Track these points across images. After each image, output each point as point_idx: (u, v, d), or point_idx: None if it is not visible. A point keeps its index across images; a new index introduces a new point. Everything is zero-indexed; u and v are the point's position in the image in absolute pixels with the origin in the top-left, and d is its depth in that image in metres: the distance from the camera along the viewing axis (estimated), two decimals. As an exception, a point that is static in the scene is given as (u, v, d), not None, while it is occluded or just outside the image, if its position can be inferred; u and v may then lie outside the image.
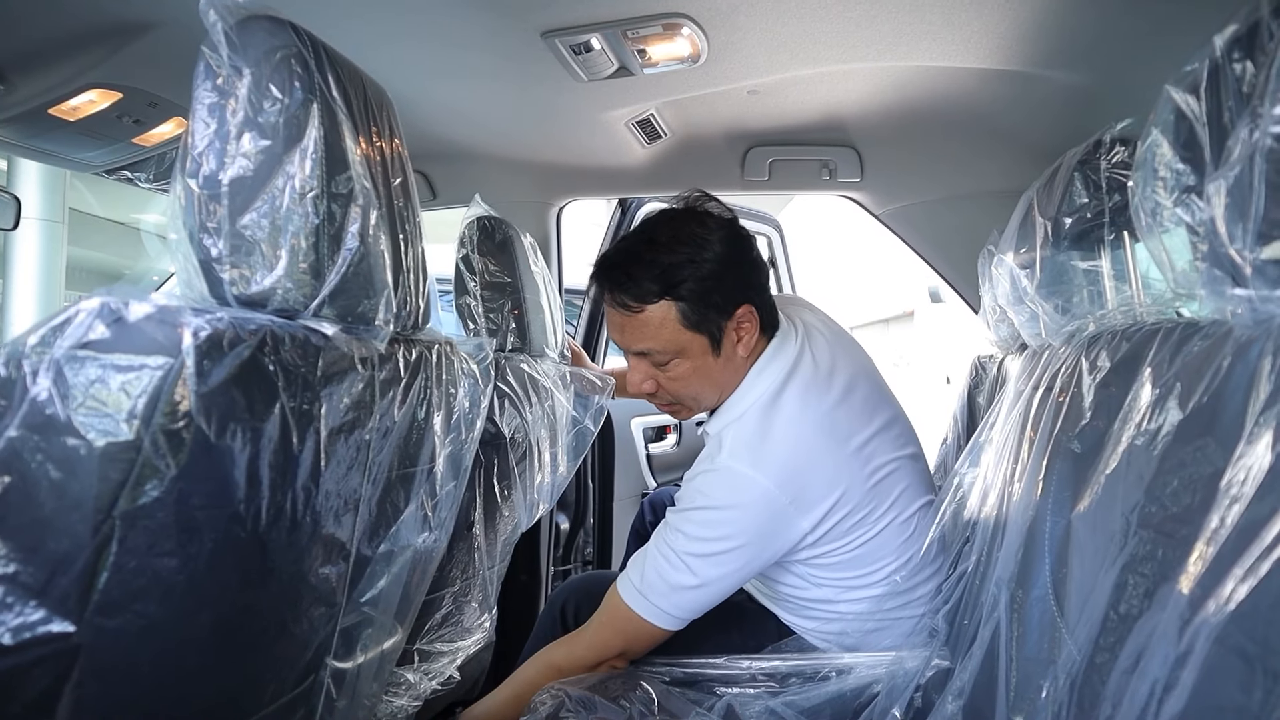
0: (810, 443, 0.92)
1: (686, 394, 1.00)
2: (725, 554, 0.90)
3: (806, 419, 0.93)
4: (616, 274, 0.94)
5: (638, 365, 0.99)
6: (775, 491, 0.89)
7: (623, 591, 0.94)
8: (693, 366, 0.96)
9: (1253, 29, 0.48)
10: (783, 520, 0.90)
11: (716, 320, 0.94)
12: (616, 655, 0.95)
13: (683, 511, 0.93)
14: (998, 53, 1.08)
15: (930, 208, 1.65)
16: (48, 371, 0.43)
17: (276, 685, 0.61)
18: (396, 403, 0.69)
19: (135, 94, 1.15)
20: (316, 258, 0.58)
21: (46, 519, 0.43)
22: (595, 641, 0.95)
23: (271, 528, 0.53)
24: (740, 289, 0.95)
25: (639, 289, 0.92)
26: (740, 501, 0.90)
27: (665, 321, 0.93)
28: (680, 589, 0.90)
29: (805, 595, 0.99)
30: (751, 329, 0.96)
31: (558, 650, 0.97)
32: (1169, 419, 0.53)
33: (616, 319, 0.96)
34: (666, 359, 0.96)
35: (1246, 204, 0.44)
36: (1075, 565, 0.63)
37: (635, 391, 1.02)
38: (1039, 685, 0.62)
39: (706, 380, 0.98)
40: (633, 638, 0.94)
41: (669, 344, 0.94)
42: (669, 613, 0.91)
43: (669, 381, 0.98)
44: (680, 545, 0.91)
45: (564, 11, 0.99)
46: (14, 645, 0.42)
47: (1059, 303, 0.91)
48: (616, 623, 0.94)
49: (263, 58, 0.57)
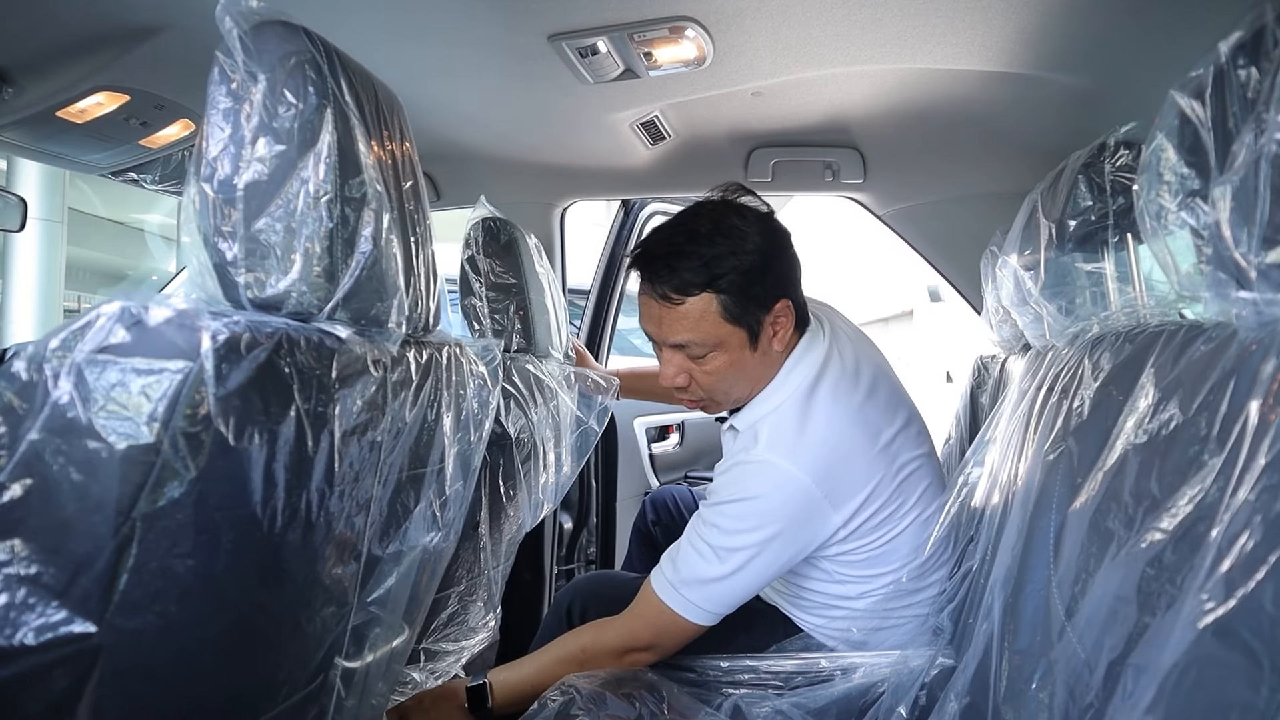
0: (844, 437, 0.93)
1: (720, 388, 0.99)
2: (759, 546, 0.90)
3: (840, 414, 0.94)
4: (658, 265, 0.93)
5: (672, 359, 0.98)
6: (811, 485, 0.89)
7: (655, 585, 0.95)
8: (729, 360, 0.95)
9: (1257, 35, 0.48)
10: (817, 514, 0.91)
11: (756, 314, 0.94)
12: (645, 648, 0.95)
13: (716, 505, 0.93)
14: (1001, 55, 1.09)
15: (933, 209, 1.66)
16: (69, 375, 0.44)
17: (289, 684, 0.62)
18: (408, 404, 0.69)
19: (142, 96, 1.15)
20: (330, 261, 0.59)
21: (68, 521, 0.44)
22: (624, 631, 0.95)
23: (287, 528, 0.54)
24: (779, 283, 0.95)
25: (681, 280, 0.92)
26: (776, 494, 0.90)
27: (706, 314, 0.92)
28: (712, 582, 0.91)
29: (822, 591, 1.00)
30: (787, 324, 0.97)
31: (587, 633, 0.98)
32: (1173, 421, 0.53)
33: (655, 311, 0.95)
34: (704, 351, 0.95)
35: (1251, 209, 0.45)
36: (1079, 565, 0.64)
37: (667, 385, 1.01)
38: (1043, 684, 0.63)
39: (741, 374, 0.97)
40: (663, 631, 0.94)
41: (708, 336, 0.94)
42: (701, 606, 0.92)
43: (703, 375, 0.98)
44: (714, 538, 0.91)
45: (571, 15, 1.00)
46: (36, 645, 0.42)
47: (1062, 304, 0.92)
48: (648, 615, 0.95)
49: (277, 63, 0.57)
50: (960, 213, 1.63)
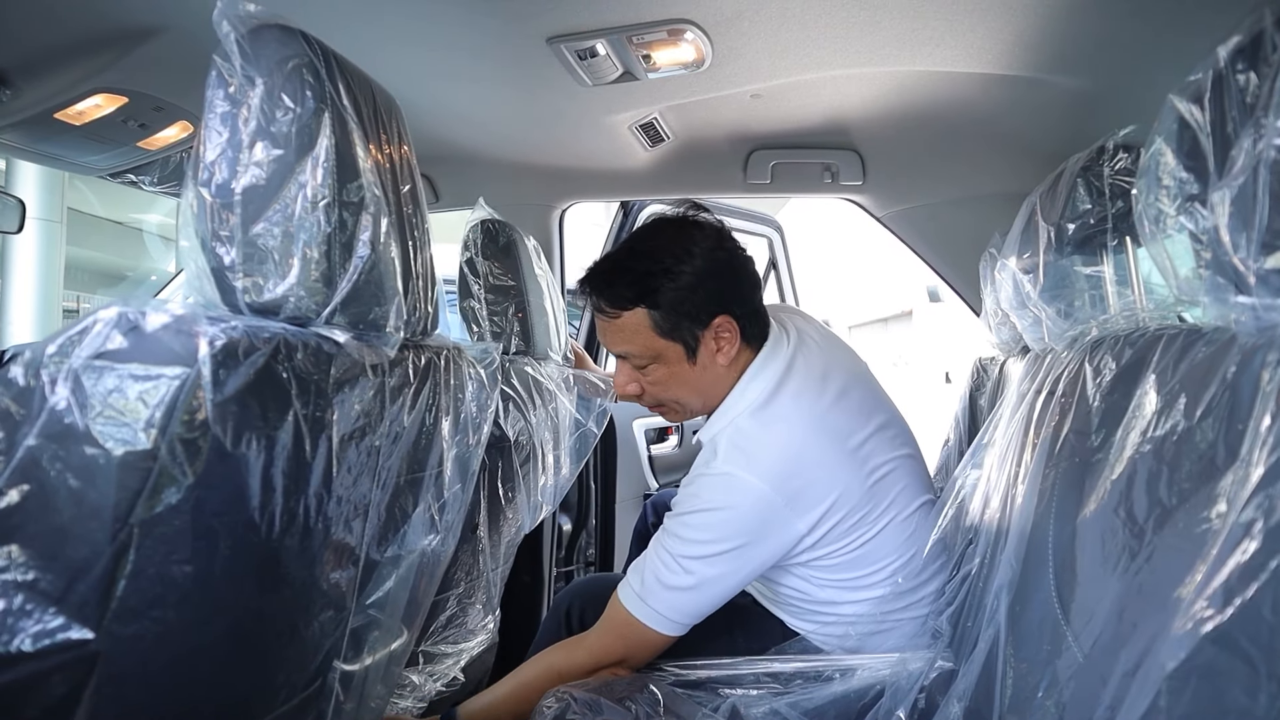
0: (805, 443, 0.93)
1: (668, 397, 1.02)
2: (721, 556, 0.90)
3: (800, 421, 0.95)
4: (597, 280, 0.98)
5: (622, 368, 1.03)
6: (770, 493, 0.90)
7: (623, 597, 0.95)
8: (669, 372, 0.99)
9: (1256, 39, 0.48)
10: (779, 522, 0.91)
11: (690, 329, 0.96)
12: (616, 662, 0.95)
13: (679, 516, 0.94)
14: (1000, 58, 1.09)
15: (932, 210, 1.66)
16: (66, 381, 0.44)
17: (287, 688, 0.62)
18: (406, 408, 0.69)
19: (140, 98, 1.15)
20: (328, 266, 0.59)
21: (65, 527, 0.43)
22: (596, 647, 0.95)
23: (285, 533, 0.54)
24: (718, 300, 0.96)
25: (615, 295, 0.96)
26: (735, 504, 0.90)
27: (640, 328, 0.96)
28: (678, 591, 0.91)
29: (808, 597, 1.00)
30: (731, 339, 0.98)
31: (558, 654, 0.97)
32: (1173, 425, 0.53)
33: (600, 323, 1.00)
34: (644, 363, 0.99)
35: (1250, 214, 0.45)
36: (1078, 568, 0.64)
37: (621, 394, 1.05)
38: (1042, 688, 0.63)
39: (684, 386, 1.00)
40: (634, 644, 0.94)
41: (644, 349, 0.97)
42: (668, 617, 0.92)
43: (650, 385, 1.01)
44: (677, 549, 0.92)
45: (570, 17, 1.00)
46: (34, 652, 0.42)
47: (1061, 307, 0.92)
48: (618, 628, 0.95)
49: (275, 67, 0.57)
50: (959, 215, 1.63)
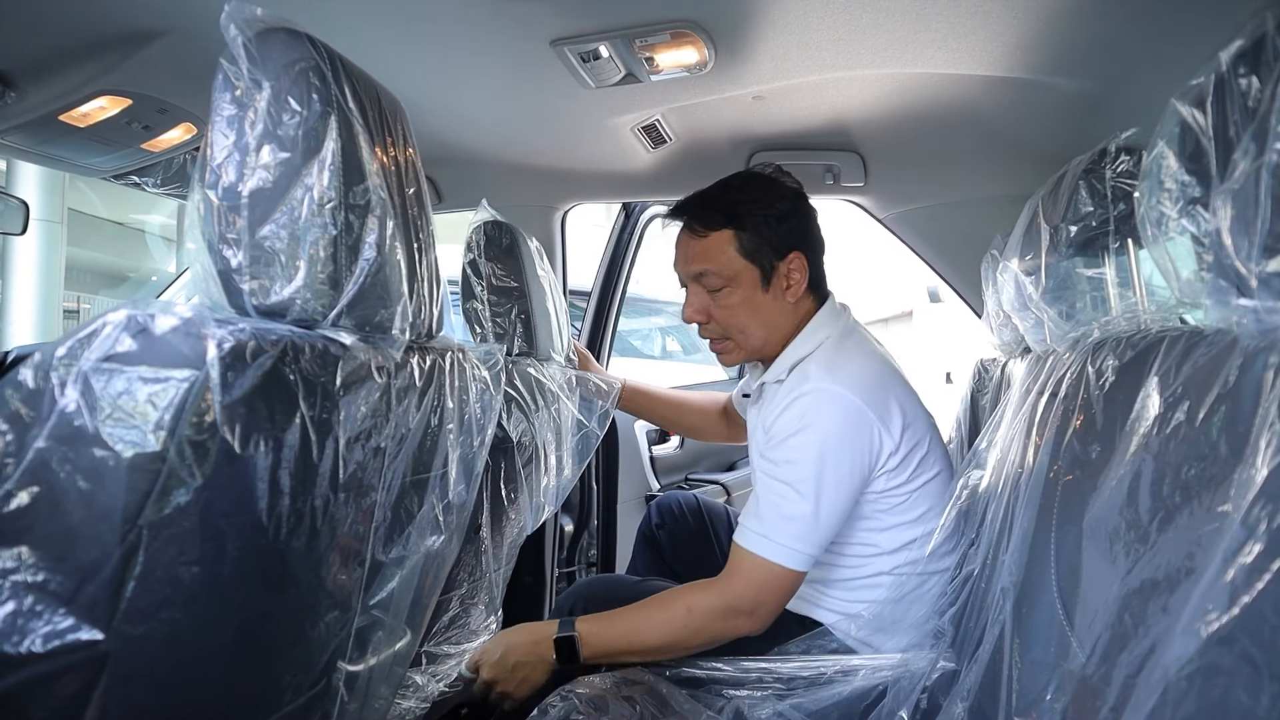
0: (884, 372, 1.04)
1: (735, 325, 1.08)
2: (831, 470, 0.95)
3: (877, 357, 1.06)
4: (690, 205, 1.09)
5: (693, 295, 1.10)
6: (862, 406, 0.97)
7: (745, 542, 0.96)
8: (743, 298, 1.06)
9: (1258, 44, 0.48)
10: (873, 434, 0.97)
11: (770, 256, 1.06)
12: (749, 611, 0.95)
13: (781, 444, 0.98)
14: (1002, 60, 1.09)
15: (933, 212, 1.66)
16: (75, 383, 0.44)
17: (293, 689, 0.62)
18: (411, 410, 0.70)
19: (145, 100, 1.15)
20: (335, 268, 0.59)
21: (75, 528, 0.44)
22: (728, 592, 0.96)
23: (292, 535, 0.54)
24: (795, 236, 1.07)
25: (706, 215, 1.06)
26: (833, 416, 0.96)
27: (724, 247, 1.05)
28: (796, 518, 0.94)
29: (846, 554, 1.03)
30: (801, 278, 1.07)
31: (690, 593, 0.97)
32: (1175, 427, 0.54)
33: (682, 245, 1.09)
34: (720, 285, 1.06)
35: (1252, 217, 0.45)
36: (1080, 569, 0.64)
37: (688, 321, 1.11)
38: (1045, 689, 0.63)
39: (754, 315, 1.07)
40: (764, 587, 0.95)
41: (724, 268, 1.05)
42: (794, 549, 0.94)
43: (720, 310, 1.08)
44: (788, 475, 0.96)
45: (573, 20, 1.00)
46: (44, 653, 0.43)
47: (1063, 308, 0.92)
48: (747, 573, 0.96)
49: (281, 70, 0.57)
50: (961, 216, 1.63)
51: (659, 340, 4.61)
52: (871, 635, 0.99)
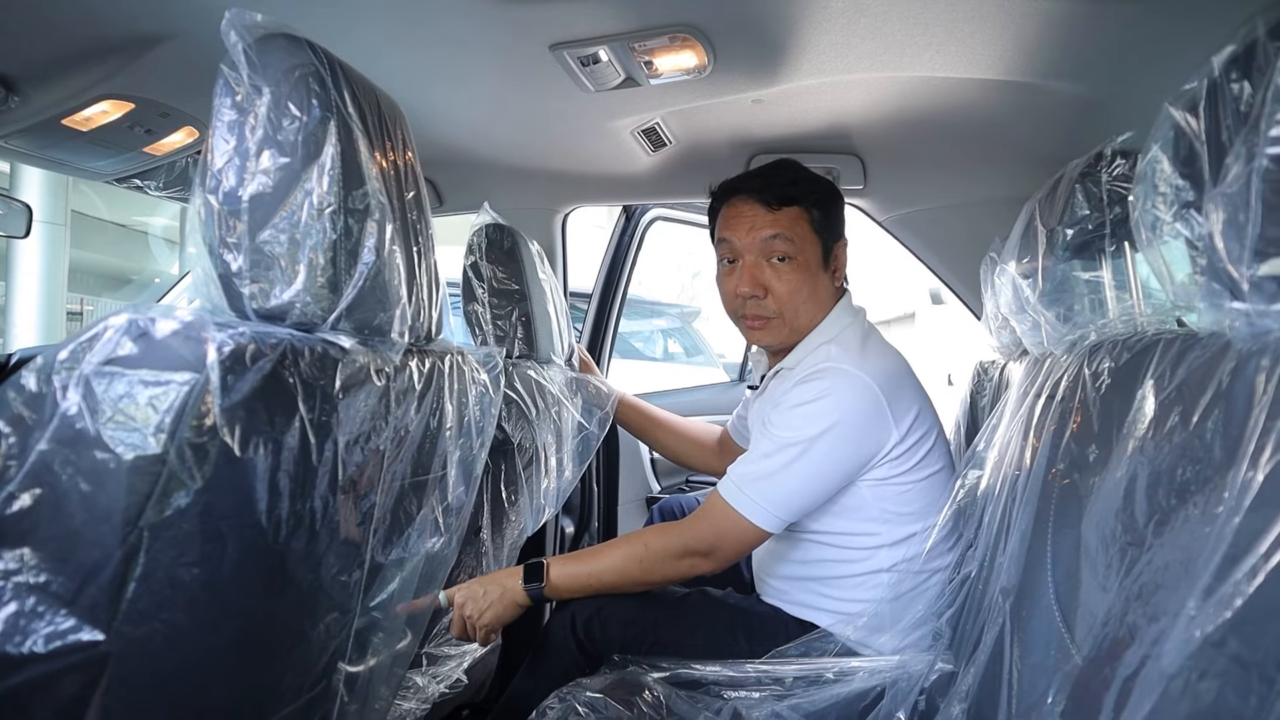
0: (899, 364, 1.07)
1: (790, 301, 1.10)
2: (823, 440, 0.97)
3: (893, 348, 1.11)
4: (756, 181, 1.12)
5: (753, 265, 1.10)
6: (875, 390, 0.99)
7: (722, 489, 1.00)
8: (803, 275, 1.09)
9: (1250, 49, 0.49)
10: (879, 419, 0.99)
11: (830, 237, 1.12)
12: (705, 552, 0.99)
13: (786, 410, 1.00)
14: (1000, 64, 1.09)
15: (932, 214, 1.66)
16: (77, 386, 0.45)
17: (293, 689, 0.62)
18: (411, 413, 0.70)
19: (147, 104, 1.16)
20: (334, 272, 0.59)
21: (76, 530, 0.44)
22: (688, 533, 1.00)
23: (292, 537, 0.54)
24: (842, 225, 1.15)
25: (779, 191, 1.09)
26: (844, 390, 0.99)
27: (798, 220, 1.09)
28: (774, 476, 0.96)
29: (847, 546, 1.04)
30: (843, 264, 1.14)
31: (650, 533, 1.03)
32: (1171, 430, 0.54)
33: (749, 215, 1.10)
34: (790, 253, 1.09)
35: (1244, 221, 0.45)
36: (1077, 571, 0.64)
37: (742, 295, 1.11)
38: (1042, 690, 0.63)
39: (811, 291, 1.10)
40: (724, 534, 0.98)
41: (797, 238, 1.09)
42: (764, 508, 0.96)
43: (779, 283, 1.09)
44: (781, 435, 0.98)
45: (573, 25, 1.01)
46: (45, 653, 0.43)
47: (1060, 311, 0.93)
48: (712, 517, 1.00)
49: (282, 76, 0.58)
50: (959, 219, 1.64)
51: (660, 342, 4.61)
52: (869, 636, 1.00)
